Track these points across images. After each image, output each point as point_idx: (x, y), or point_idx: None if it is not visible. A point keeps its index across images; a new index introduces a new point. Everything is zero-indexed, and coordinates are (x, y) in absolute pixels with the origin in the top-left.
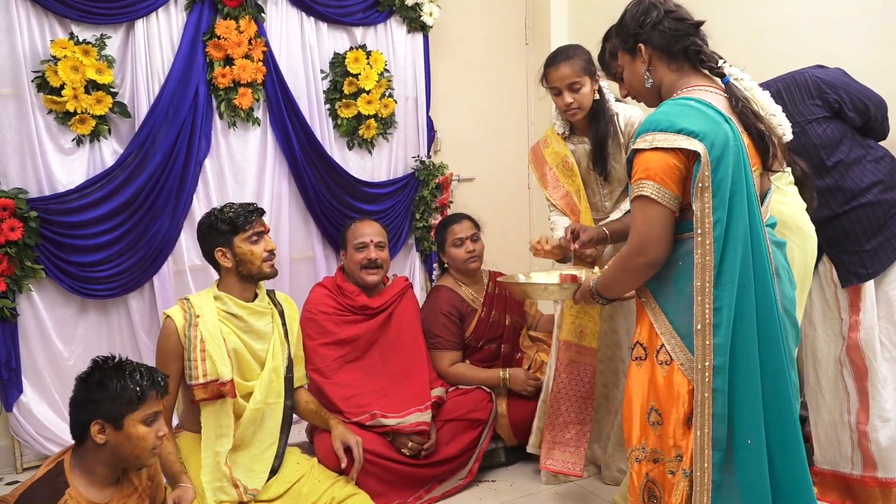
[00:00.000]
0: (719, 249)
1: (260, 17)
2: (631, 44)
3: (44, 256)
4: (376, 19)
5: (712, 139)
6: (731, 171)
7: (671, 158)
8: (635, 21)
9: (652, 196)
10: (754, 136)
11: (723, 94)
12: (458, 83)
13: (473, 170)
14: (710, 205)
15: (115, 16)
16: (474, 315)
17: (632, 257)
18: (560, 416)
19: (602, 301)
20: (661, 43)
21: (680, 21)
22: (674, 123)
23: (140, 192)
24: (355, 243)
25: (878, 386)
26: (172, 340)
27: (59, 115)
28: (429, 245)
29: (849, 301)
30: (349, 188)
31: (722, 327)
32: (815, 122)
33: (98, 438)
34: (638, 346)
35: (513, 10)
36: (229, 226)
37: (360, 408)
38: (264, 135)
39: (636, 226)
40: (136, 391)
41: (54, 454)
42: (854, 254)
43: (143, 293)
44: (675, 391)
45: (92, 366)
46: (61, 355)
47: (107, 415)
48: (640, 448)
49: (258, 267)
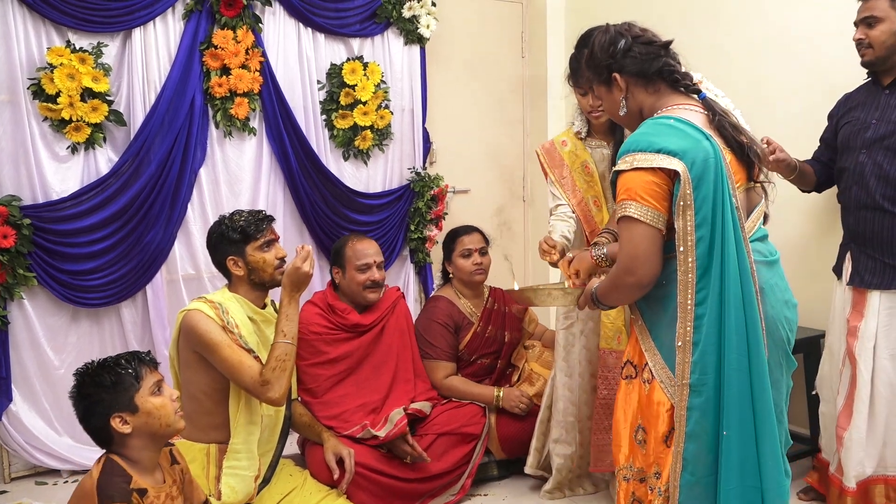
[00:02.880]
0: (702, 267)
1: (257, 28)
2: (605, 74)
3: (36, 264)
4: (373, 31)
5: (692, 157)
6: (712, 188)
7: (652, 177)
8: (605, 52)
9: (636, 216)
10: (735, 149)
11: (701, 111)
12: (454, 95)
13: (469, 182)
14: (692, 223)
15: (113, 24)
16: (470, 328)
17: (621, 277)
18: (598, 421)
19: (603, 307)
20: (635, 68)
21: (649, 44)
22: (653, 143)
23: (134, 200)
24: (358, 264)
25: (860, 405)
26: (212, 323)
27: (55, 123)
28: (423, 257)
29: (852, 302)
30: (344, 199)
31: (700, 345)
32: None
33: (123, 429)
34: (628, 365)
35: (509, 23)
36: (241, 234)
37: (350, 423)
38: (260, 144)
39: (622, 246)
40: (131, 373)
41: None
42: (871, 259)
43: (135, 302)
44: (654, 409)
45: (78, 378)
46: (52, 364)
47: (118, 406)
48: (627, 467)
49: (270, 275)
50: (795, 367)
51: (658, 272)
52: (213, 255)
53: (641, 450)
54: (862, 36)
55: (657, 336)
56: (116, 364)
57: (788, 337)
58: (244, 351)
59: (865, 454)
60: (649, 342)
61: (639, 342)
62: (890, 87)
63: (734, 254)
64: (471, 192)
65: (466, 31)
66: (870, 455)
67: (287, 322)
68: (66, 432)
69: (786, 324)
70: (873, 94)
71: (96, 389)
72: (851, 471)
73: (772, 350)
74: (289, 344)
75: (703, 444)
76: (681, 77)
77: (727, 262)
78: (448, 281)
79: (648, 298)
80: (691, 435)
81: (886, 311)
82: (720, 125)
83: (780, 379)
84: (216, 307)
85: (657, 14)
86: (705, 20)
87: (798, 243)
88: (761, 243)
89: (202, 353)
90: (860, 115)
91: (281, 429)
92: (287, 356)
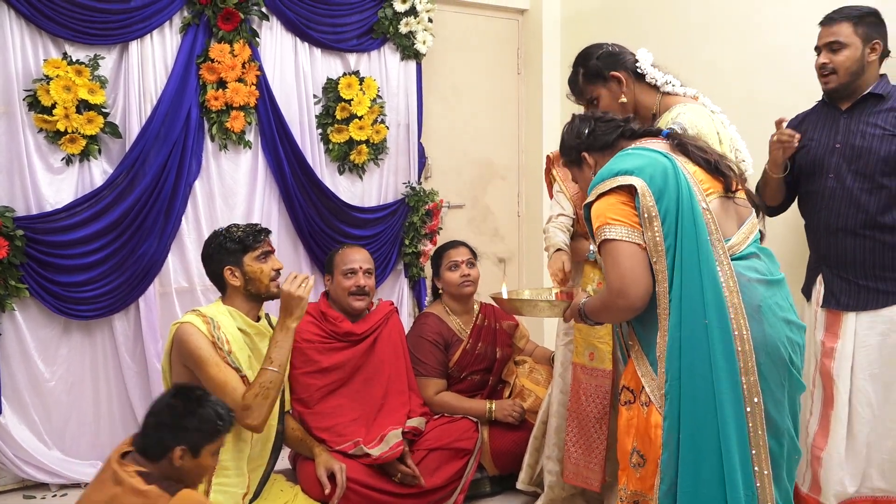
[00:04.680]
0: (671, 277)
1: (254, 42)
2: (575, 156)
3: (28, 276)
4: (370, 46)
5: (650, 172)
6: (675, 197)
7: (616, 198)
8: (573, 138)
9: (613, 237)
10: (702, 165)
11: (663, 142)
12: (450, 111)
13: (464, 197)
14: (660, 234)
15: (110, 37)
16: (460, 345)
17: (612, 300)
18: (571, 434)
19: (590, 322)
20: (601, 143)
21: (610, 122)
22: (611, 170)
23: (128, 212)
24: (344, 269)
25: (837, 425)
26: (203, 338)
27: (50, 134)
28: (417, 271)
29: (825, 324)
30: (339, 213)
31: (667, 354)
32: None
33: (177, 462)
34: (625, 391)
35: (506, 40)
36: (239, 244)
37: (343, 437)
38: (255, 158)
39: (608, 271)
40: (219, 425)
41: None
42: (845, 281)
43: (128, 314)
44: (652, 432)
45: (178, 391)
46: (42, 376)
47: (191, 443)
48: (623, 488)
49: (266, 286)
50: (804, 389)
51: (649, 290)
52: (210, 265)
53: (636, 473)
54: (826, 61)
55: (654, 361)
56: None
57: (791, 358)
58: (231, 370)
59: (845, 473)
60: (646, 366)
61: (635, 368)
62: (848, 111)
63: (707, 255)
64: (465, 207)
65: (462, 48)
66: (852, 475)
67: (277, 349)
68: (56, 445)
69: (788, 344)
70: (831, 118)
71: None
72: (831, 489)
73: (771, 369)
74: (275, 372)
75: (671, 451)
76: (643, 133)
77: (699, 265)
78: (438, 298)
79: (643, 322)
80: (665, 443)
81: (864, 331)
82: (682, 148)
83: (782, 401)
84: (208, 322)
85: (653, 32)
86: (700, 37)
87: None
88: (759, 261)
89: (191, 367)
90: (820, 139)
91: (273, 443)
92: (272, 384)
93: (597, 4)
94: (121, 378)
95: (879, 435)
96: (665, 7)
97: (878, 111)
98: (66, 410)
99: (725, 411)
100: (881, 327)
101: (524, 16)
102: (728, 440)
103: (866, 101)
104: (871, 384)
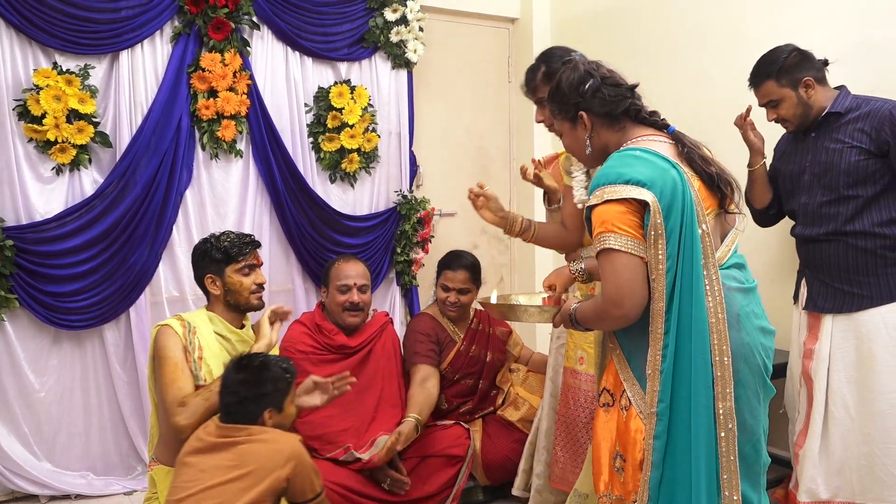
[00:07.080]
0: (668, 298)
1: (245, 51)
2: (572, 112)
3: (18, 286)
4: (361, 55)
5: (661, 186)
6: (680, 216)
7: (623, 208)
8: (573, 90)
9: (616, 247)
10: (705, 178)
11: (669, 142)
12: (441, 119)
13: (455, 205)
14: (663, 252)
15: (100, 46)
16: (453, 346)
17: (607, 310)
18: (559, 437)
19: (580, 329)
20: (603, 110)
21: (617, 87)
22: (621, 175)
23: (119, 222)
24: (338, 284)
25: (814, 425)
26: (176, 340)
27: (40, 144)
28: (409, 279)
29: (808, 325)
30: (330, 221)
31: (663, 374)
32: (856, 149)
33: (269, 423)
34: (605, 393)
35: (496, 48)
36: (223, 255)
37: (333, 444)
38: (246, 167)
39: (605, 280)
40: (288, 378)
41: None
42: (823, 284)
43: (118, 324)
44: (632, 436)
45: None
46: (32, 387)
47: (273, 402)
48: (606, 495)
49: (245, 298)
50: (773, 393)
51: (644, 303)
52: (195, 270)
53: (619, 477)
54: (773, 116)
55: (636, 367)
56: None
57: (765, 363)
58: (188, 376)
59: (818, 472)
60: (627, 372)
61: (616, 371)
62: (815, 130)
63: (698, 282)
64: (457, 215)
65: (453, 56)
66: (827, 480)
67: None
68: (46, 457)
69: (762, 350)
70: (800, 141)
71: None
72: (803, 486)
73: (749, 378)
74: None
75: (660, 471)
76: (647, 114)
77: (691, 291)
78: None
79: (627, 328)
80: (656, 464)
81: (840, 333)
82: (689, 157)
83: (757, 407)
84: (185, 325)
85: (643, 41)
86: (690, 46)
87: (767, 272)
88: (738, 270)
89: (155, 364)
90: (796, 160)
91: None
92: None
93: (587, 13)
94: (111, 388)
95: (857, 440)
96: (655, 16)
97: (839, 125)
98: (57, 421)
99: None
100: (856, 332)
101: (515, 24)
102: (698, 462)
103: (829, 119)
104: (847, 387)
